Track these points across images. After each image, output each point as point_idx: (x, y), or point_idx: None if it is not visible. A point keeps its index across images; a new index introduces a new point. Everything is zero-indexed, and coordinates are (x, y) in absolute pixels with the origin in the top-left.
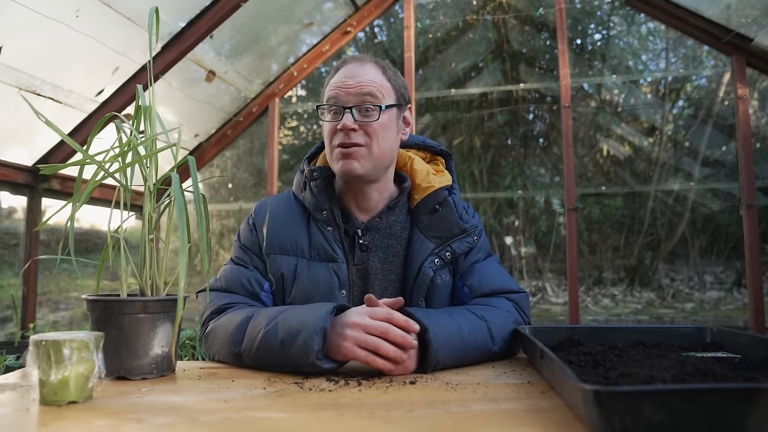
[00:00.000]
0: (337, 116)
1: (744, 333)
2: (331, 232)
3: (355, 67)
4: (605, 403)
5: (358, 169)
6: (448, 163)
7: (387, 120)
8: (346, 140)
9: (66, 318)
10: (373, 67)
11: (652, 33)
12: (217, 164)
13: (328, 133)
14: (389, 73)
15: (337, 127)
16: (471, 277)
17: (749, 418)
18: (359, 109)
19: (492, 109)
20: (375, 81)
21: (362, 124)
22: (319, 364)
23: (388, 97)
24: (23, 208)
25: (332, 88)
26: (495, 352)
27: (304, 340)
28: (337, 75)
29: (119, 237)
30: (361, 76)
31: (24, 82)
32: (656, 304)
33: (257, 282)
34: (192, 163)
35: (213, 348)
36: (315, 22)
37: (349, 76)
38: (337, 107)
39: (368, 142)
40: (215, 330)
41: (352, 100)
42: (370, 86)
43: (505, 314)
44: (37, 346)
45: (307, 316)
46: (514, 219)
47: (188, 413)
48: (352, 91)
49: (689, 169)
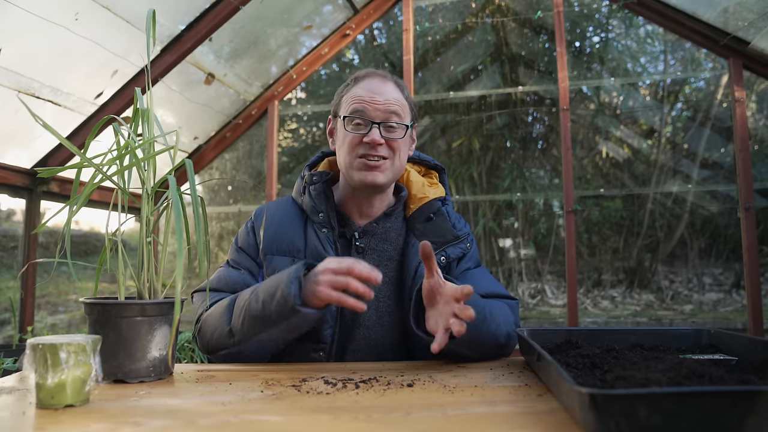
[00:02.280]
0: (360, 128)
1: (741, 335)
2: (326, 233)
3: (379, 84)
4: (601, 406)
5: (382, 180)
6: (441, 177)
7: (407, 137)
8: (373, 152)
9: (65, 320)
10: (394, 87)
11: (651, 36)
12: (216, 167)
13: (350, 143)
14: (406, 92)
15: (363, 140)
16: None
17: (745, 420)
18: (385, 126)
19: (491, 112)
20: (399, 100)
21: (388, 139)
22: (299, 309)
23: (406, 116)
24: (22, 211)
25: (358, 101)
26: (501, 344)
27: (282, 291)
28: (360, 89)
29: (117, 240)
30: (386, 93)
31: (23, 84)
32: (655, 306)
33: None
34: (189, 167)
35: (206, 337)
36: (314, 24)
37: (376, 92)
38: (363, 121)
39: (391, 156)
40: (206, 320)
41: (379, 116)
42: (395, 105)
43: (507, 314)
44: (34, 349)
45: (281, 275)
46: (513, 221)
47: (186, 416)
48: (380, 107)
49: (688, 171)
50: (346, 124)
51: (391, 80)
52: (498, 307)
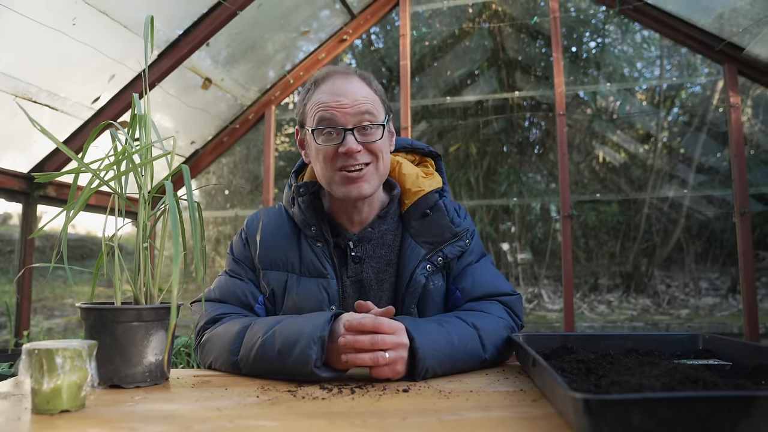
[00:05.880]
0: (332, 138)
1: (735, 340)
2: (321, 247)
3: (342, 84)
4: (595, 411)
5: (368, 190)
6: (437, 164)
7: (386, 136)
8: (352, 162)
9: (61, 325)
10: (360, 83)
11: (647, 41)
12: (213, 171)
13: (325, 157)
14: (374, 84)
15: (339, 150)
16: (464, 280)
17: (739, 426)
18: (359, 129)
19: (488, 117)
20: (368, 97)
21: (366, 144)
22: (317, 373)
23: (380, 112)
24: (18, 215)
25: (323, 108)
26: (486, 359)
27: (302, 349)
28: (323, 93)
29: (114, 244)
30: (353, 93)
31: (21, 89)
32: (652, 310)
33: (252, 294)
34: (186, 173)
35: (209, 357)
36: (311, 29)
37: (340, 94)
38: (335, 129)
39: (373, 161)
40: (211, 339)
41: (350, 120)
42: (366, 103)
43: (497, 320)
44: (30, 354)
45: (305, 324)
46: (510, 226)
47: (181, 422)
48: (349, 111)
49: (684, 176)
50: (315, 136)
51: (355, 75)
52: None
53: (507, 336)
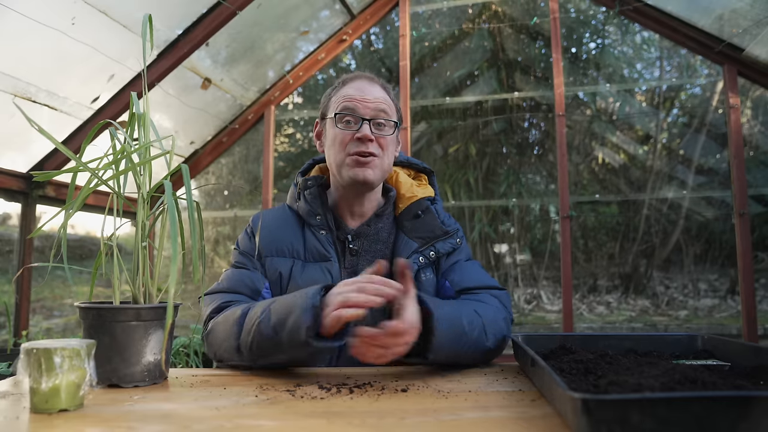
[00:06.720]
0: (351, 125)
1: (734, 341)
2: (325, 235)
3: (366, 85)
4: (593, 411)
5: (372, 176)
6: (430, 180)
7: (395, 136)
8: (363, 149)
9: (60, 325)
10: (380, 88)
11: (647, 42)
12: (212, 171)
13: (341, 141)
14: (392, 94)
15: (355, 135)
16: (452, 273)
17: (738, 426)
18: (374, 123)
19: (487, 117)
20: (387, 100)
21: (378, 136)
22: (311, 342)
23: (394, 115)
24: (17, 215)
25: (348, 99)
26: (489, 349)
27: (295, 319)
28: (349, 89)
29: (113, 244)
30: (375, 93)
31: (19, 89)
32: (650, 311)
33: (259, 280)
34: (185, 172)
35: (214, 346)
36: (311, 30)
37: (365, 92)
38: (354, 118)
39: (381, 154)
40: (215, 328)
41: (369, 113)
42: (384, 104)
43: (495, 310)
44: (28, 354)
45: (297, 297)
46: (509, 226)
47: (180, 421)
48: (370, 105)
49: (683, 177)
50: (337, 121)
51: (378, 82)
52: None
53: (505, 327)
